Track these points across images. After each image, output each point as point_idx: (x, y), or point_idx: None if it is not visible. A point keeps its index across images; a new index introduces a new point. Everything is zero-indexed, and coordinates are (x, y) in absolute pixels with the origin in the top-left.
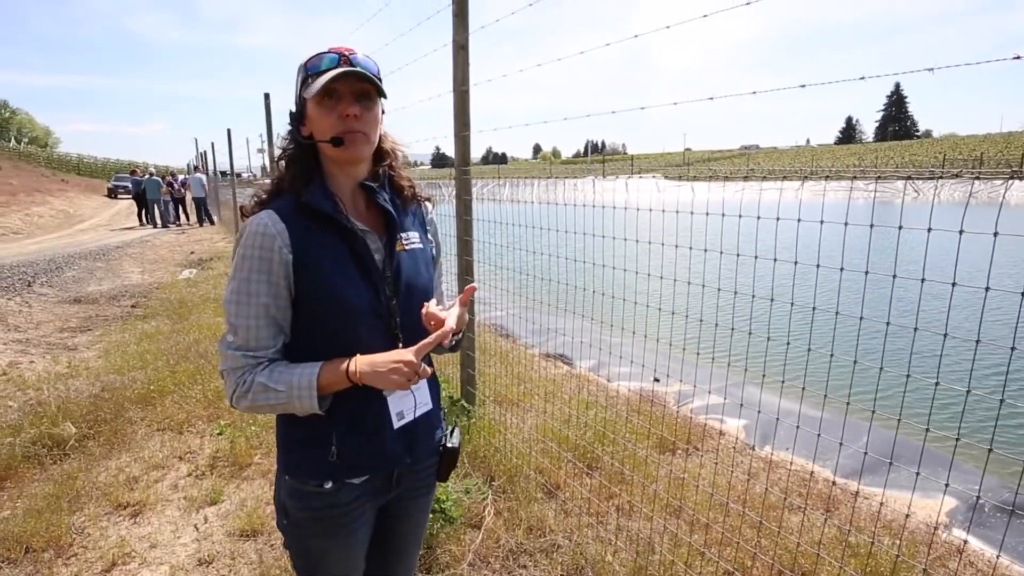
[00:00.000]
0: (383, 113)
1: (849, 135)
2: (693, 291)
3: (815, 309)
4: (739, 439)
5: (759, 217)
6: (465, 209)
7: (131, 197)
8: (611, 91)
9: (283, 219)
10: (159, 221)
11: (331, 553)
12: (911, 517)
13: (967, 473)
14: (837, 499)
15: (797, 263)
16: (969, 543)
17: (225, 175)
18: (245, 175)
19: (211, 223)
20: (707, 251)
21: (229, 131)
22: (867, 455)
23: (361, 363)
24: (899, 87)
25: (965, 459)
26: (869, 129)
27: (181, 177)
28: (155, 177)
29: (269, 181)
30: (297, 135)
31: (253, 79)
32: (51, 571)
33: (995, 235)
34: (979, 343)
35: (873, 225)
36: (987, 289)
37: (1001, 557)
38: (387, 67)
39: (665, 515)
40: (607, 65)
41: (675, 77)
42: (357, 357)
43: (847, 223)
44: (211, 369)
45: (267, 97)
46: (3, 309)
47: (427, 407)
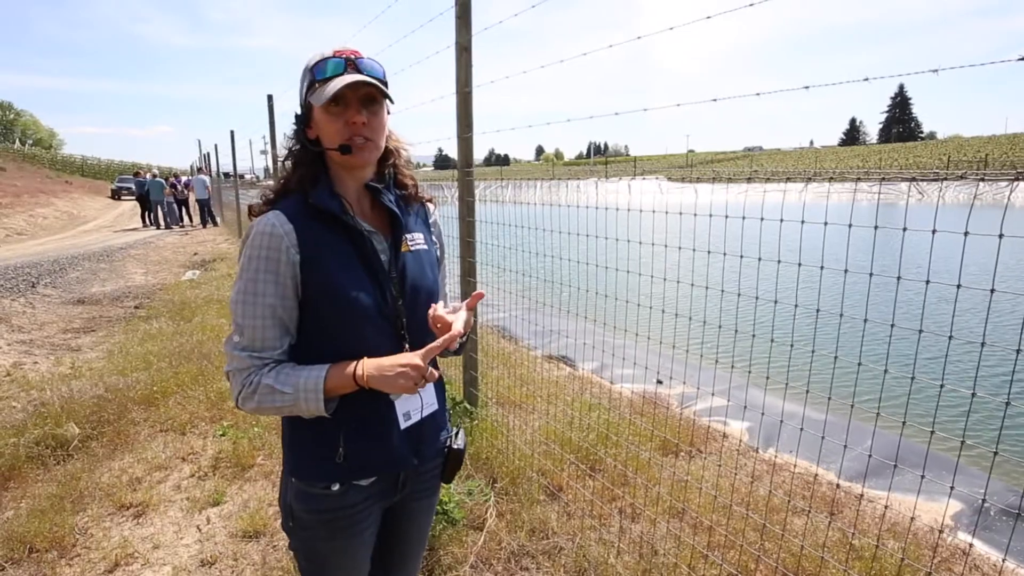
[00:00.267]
0: (388, 114)
1: (853, 137)
2: (696, 293)
3: (819, 311)
4: (742, 441)
5: (762, 219)
6: (468, 210)
7: (135, 198)
8: (614, 92)
9: (290, 219)
10: (162, 222)
11: (337, 555)
12: (916, 520)
13: (972, 476)
14: (841, 502)
15: (801, 265)
16: (974, 546)
17: (228, 176)
18: (248, 176)
19: (214, 224)
20: (710, 253)
21: (232, 133)
22: (871, 458)
23: (368, 366)
24: (903, 88)
25: (970, 462)
26: (873, 131)
27: (184, 179)
28: (158, 179)
29: (272, 182)
30: (303, 138)
31: (257, 81)
32: (54, 571)
33: (1000, 237)
34: (984, 345)
35: (877, 227)
36: (992, 291)
37: (1007, 561)
38: (390, 69)
39: (668, 517)
40: (610, 67)
41: (678, 78)
42: (364, 360)
43: (851, 224)
44: (214, 370)
45: (270, 99)
46: (7, 310)
47: (433, 408)
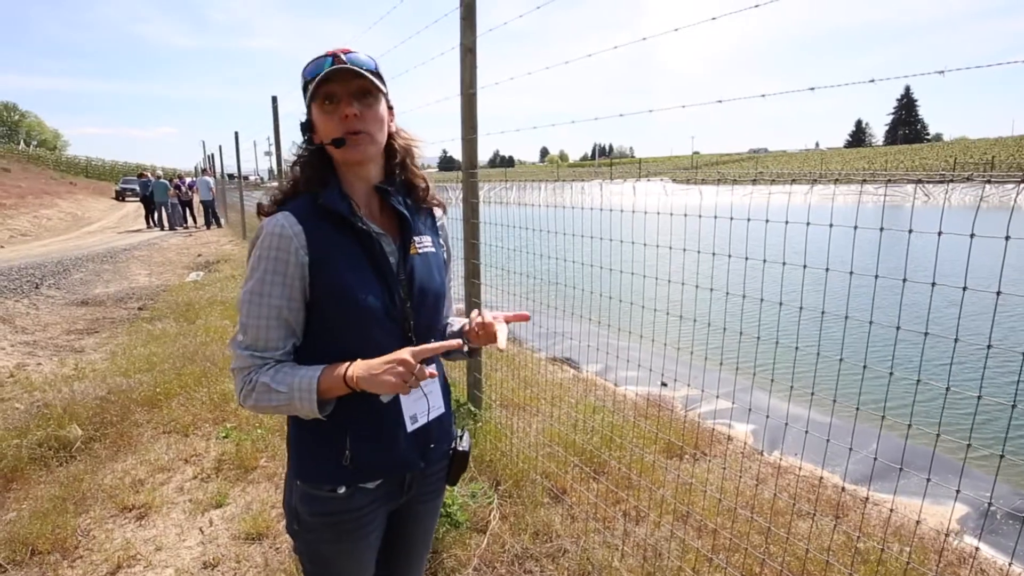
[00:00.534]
0: (391, 110)
1: (859, 138)
2: (701, 295)
3: (824, 313)
4: (747, 444)
5: (767, 220)
6: (472, 212)
7: (139, 200)
8: (618, 94)
9: (300, 220)
10: (166, 224)
11: (343, 558)
12: (921, 524)
13: (978, 480)
14: (846, 505)
15: (806, 267)
16: (980, 550)
17: (232, 178)
18: (252, 178)
19: (218, 226)
20: (715, 255)
21: (236, 134)
22: (877, 461)
23: (358, 367)
24: (909, 90)
25: (976, 465)
26: (879, 132)
27: (188, 180)
28: (162, 180)
29: (276, 184)
30: (309, 142)
31: (259, 82)
32: (56, 573)
33: (1007, 239)
34: (990, 348)
35: (883, 228)
36: (999, 293)
37: (1014, 565)
38: (394, 70)
39: (672, 520)
40: (615, 68)
41: (683, 79)
42: (357, 361)
43: (856, 226)
44: (217, 372)
45: (274, 100)
46: (11, 311)
47: (440, 411)
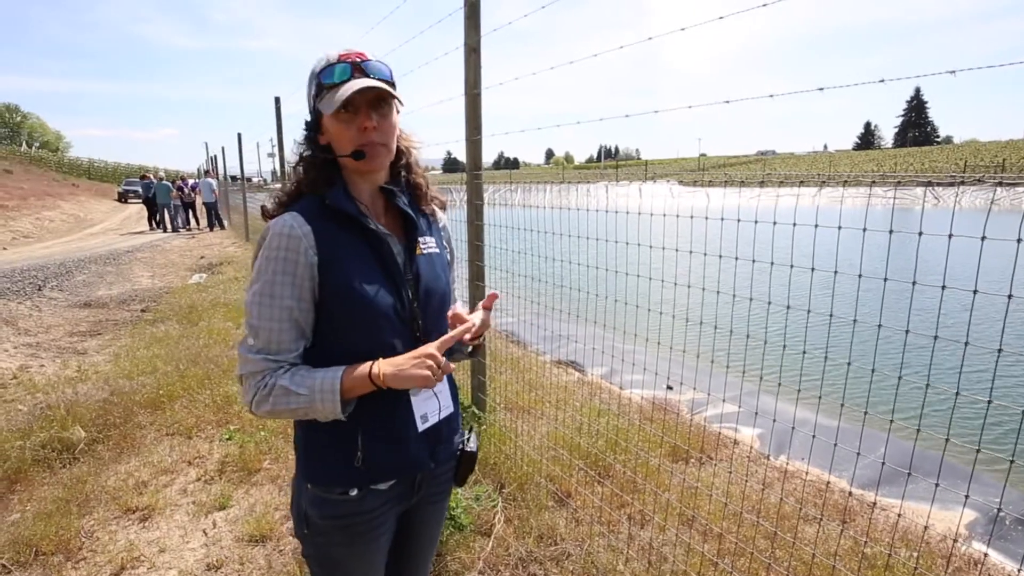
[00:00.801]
0: (397, 114)
1: (868, 140)
2: (707, 298)
3: (832, 317)
4: (753, 448)
5: (775, 223)
6: (477, 214)
7: (141, 201)
8: (624, 94)
9: (308, 221)
10: (169, 225)
11: (354, 562)
12: (929, 529)
13: (987, 485)
14: (853, 510)
15: (814, 270)
16: (989, 556)
17: (235, 179)
18: (255, 179)
19: (221, 228)
20: (722, 257)
21: (240, 135)
22: (885, 465)
23: (384, 365)
24: (919, 91)
25: (986, 471)
26: (888, 134)
27: (191, 182)
28: (165, 182)
29: (280, 186)
30: (315, 144)
31: (260, 82)
32: (60, 575)
33: (1019, 241)
34: (1001, 352)
35: (892, 231)
36: (1010, 296)
37: (1022, 571)
38: (398, 71)
39: (678, 524)
40: (620, 68)
41: (689, 80)
42: (380, 360)
43: (866, 228)
44: (220, 374)
45: (277, 101)
46: (14, 313)
47: (449, 411)
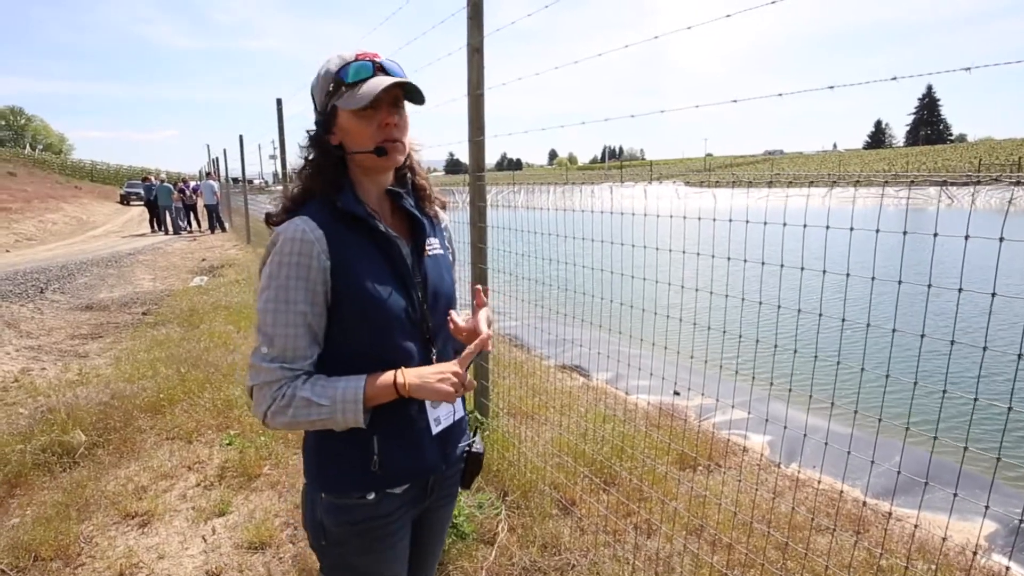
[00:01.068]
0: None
1: (878, 139)
2: (715, 302)
3: (844, 321)
4: (764, 456)
5: (785, 224)
6: (479, 216)
7: (143, 204)
8: (628, 94)
9: (319, 225)
10: (171, 228)
11: (375, 568)
12: (947, 540)
13: (1008, 495)
14: (868, 520)
15: (826, 272)
16: (1011, 569)
17: (237, 181)
18: (257, 181)
19: (223, 230)
20: (730, 260)
21: (241, 137)
22: (900, 474)
23: (410, 375)
24: (931, 89)
25: (1006, 480)
26: (899, 133)
27: (193, 184)
28: (166, 184)
29: (281, 188)
30: (326, 143)
31: (263, 83)
32: None
33: None
34: (1021, 357)
35: (907, 232)
36: None
37: None
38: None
39: (686, 534)
40: (625, 67)
41: (694, 79)
42: (404, 369)
43: (879, 230)
44: (221, 378)
45: (279, 103)
46: (16, 315)
47: (460, 413)
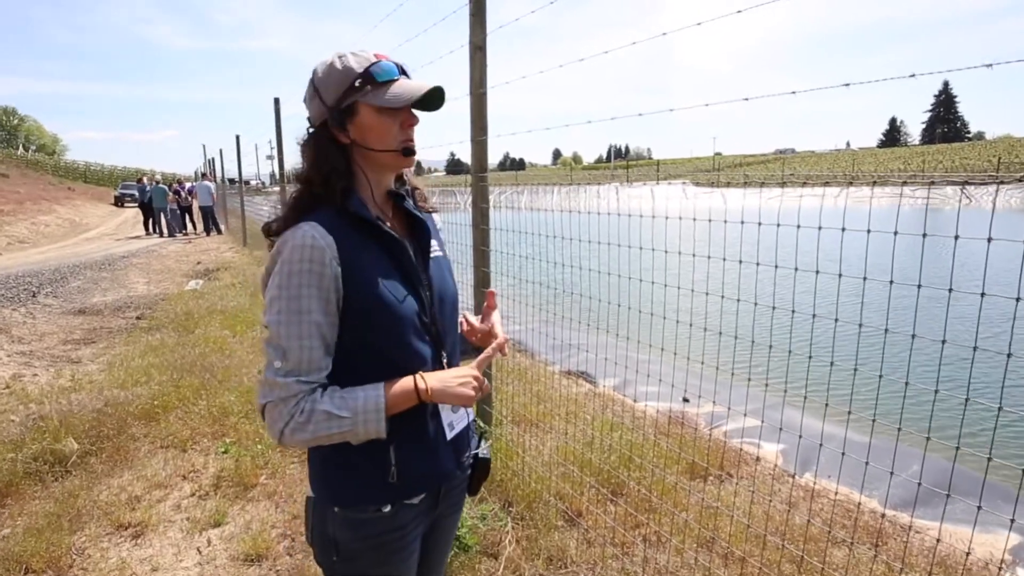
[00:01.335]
0: None
1: (893, 137)
2: (727, 305)
3: (861, 326)
4: (777, 465)
5: (799, 226)
6: (482, 218)
7: (137, 206)
8: (633, 93)
9: (328, 230)
10: (165, 230)
11: None
12: (971, 555)
13: None
14: (887, 533)
15: (842, 276)
16: None
17: (234, 183)
18: (254, 182)
19: (218, 232)
20: (742, 262)
21: (238, 137)
22: (921, 485)
23: (431, 380)
24: (947, 85)
25: None
26: (915, 131)
27: (188, 185)
28: (161, 185)
29: (279, 189)
30: (337, 141)
31: (261, 84)
32: None
33: None
34: None
35: (926, 235)
36: None
37: None
38: None
39: (696, 547)
40: (630, 66)
41: (702, 76)
42: (423, 374)
43: (897, 232)
44: (216, 384)
45: (277, 102)
46: (7, 320)
47: (470, 418)
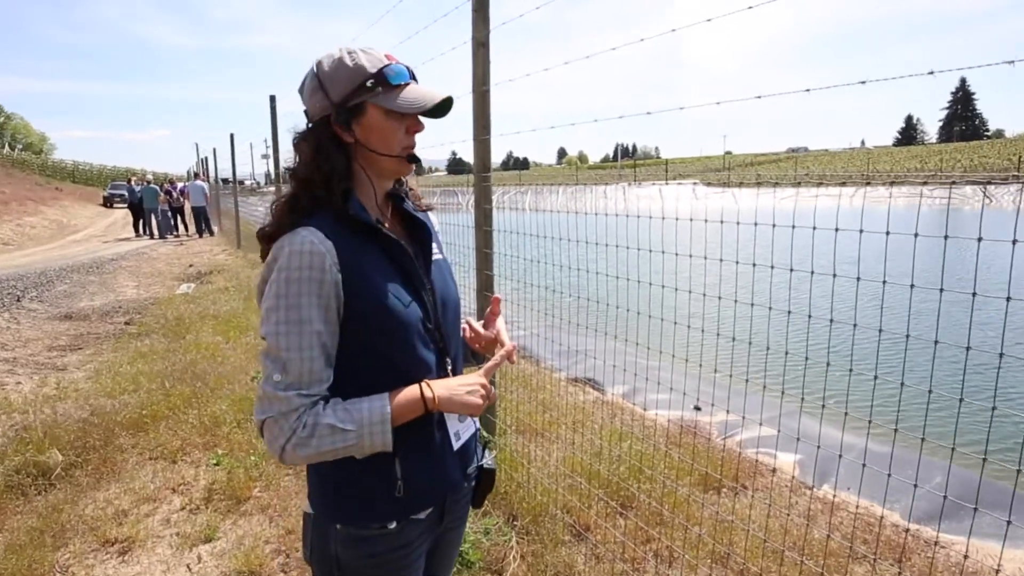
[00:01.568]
0: None
1: (909, 135)
2: (740, 310)
3: (881, 332)
4: (794, 477)
5: (815, 228)
6: (485, 219)
7: (127, 206)
8: (640, 91)
9: (327, 235)
10: (156, 232)
11: None
12: (1000, 571)
13: None
14: (910, 548)
15: (860, 279)
16: None
17: (227, 182)
18: (248, 182)
19: (211, 234)
20: (755, 265)
21: (232, 135)
22: (946, 498)
23: (438, 388)
24: (965, 82)
25: None
26: (931, 129)
27: (180, 185)
28: (152, 185)
29: (274, 189)
30: (337, 144)
31: (259, 82)
32: None
33: None
34: None
35: (948, 236)
36: None
37: None
38: None
39: (711, 563)
40: (637, 63)
41: (711, 75)
42: (429, 383)
43: (917, 234)
44: (208, 392)
45: (272, 100)
46: None
47: (476, 427)
